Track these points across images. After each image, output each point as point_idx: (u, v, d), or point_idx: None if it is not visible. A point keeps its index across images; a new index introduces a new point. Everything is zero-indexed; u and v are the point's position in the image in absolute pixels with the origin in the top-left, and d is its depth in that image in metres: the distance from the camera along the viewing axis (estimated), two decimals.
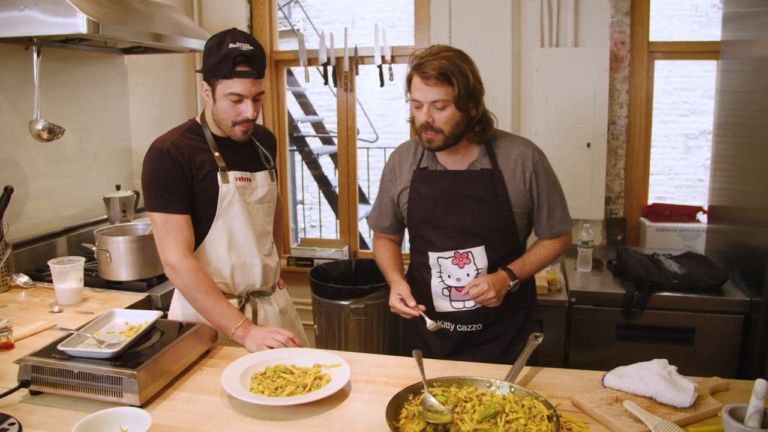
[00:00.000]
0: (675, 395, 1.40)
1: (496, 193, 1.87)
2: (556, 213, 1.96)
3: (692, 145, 6.36)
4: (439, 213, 1.91)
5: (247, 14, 3.72)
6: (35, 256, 2.57)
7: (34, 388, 1.47)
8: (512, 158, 1.90)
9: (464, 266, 1.91)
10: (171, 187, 1.80)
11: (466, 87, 1.76)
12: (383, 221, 2.10)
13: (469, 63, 1.80)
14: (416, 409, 1.35)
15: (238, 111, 1.82)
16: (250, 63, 1.78)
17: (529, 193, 1.91)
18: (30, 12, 2.17)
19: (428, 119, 1.79)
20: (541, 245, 2.01)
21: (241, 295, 1.96)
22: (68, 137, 2.66)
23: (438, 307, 1.97)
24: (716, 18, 5.93)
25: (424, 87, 1.76)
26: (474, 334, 1.98)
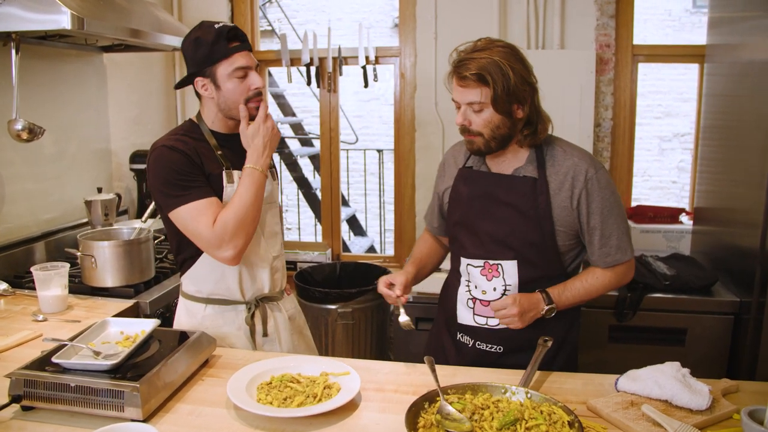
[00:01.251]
0: (691, 398, 1.39)
1: (536, 205, 1.69)
2: (611, 239, 1.71)
3: (666, 148, 6.48)
4: (473, 216, 1.78)
5: (228, 13, 3.65)
6: (13, 262, 2.45)
7: (26, 403, 1.39)
8: (563, 170, 1.70)
9: (492, 279, 1.74)
10: (187, 177, 1.69)
11: (505, 87, 1.59)
12: (433, 220, 2.01)
13: (514, 61, 1.63)
14: (434, 418, 1.31)
15: (248, 85, 1.76)
16: (240, 37, 1.76)
17: (577, 212, 1.69)
18: (8, 8, 2.07)
19: (465, 122, 1.68)
20: (591, 272, 1.76)
21: (249, 302, 1.87)
22: (46, 138, 2.54)
23: (460, 318, 1.82)
24: (689, 23, 6.07)
25: (460, 88, 1.65)
26: (493, 355, 1.78)
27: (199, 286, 1.85)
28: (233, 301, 1.87)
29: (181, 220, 1.70)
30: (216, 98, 1.78)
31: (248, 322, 1.86)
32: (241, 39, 1.76)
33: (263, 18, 6.59)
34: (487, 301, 1.76)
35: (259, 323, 1.89)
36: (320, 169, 3.90)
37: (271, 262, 1.90)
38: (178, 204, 1.68)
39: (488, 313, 1.76)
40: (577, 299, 1.75)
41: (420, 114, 3.49)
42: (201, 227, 1.67)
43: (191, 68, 1.77)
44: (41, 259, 2.56)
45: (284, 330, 1.94)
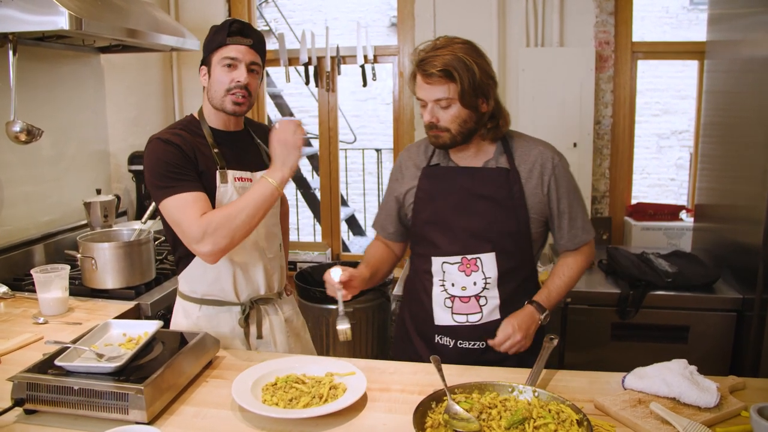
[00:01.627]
0: (699, 396, 1.38)
1: (511, 195, 1.73)
2: (577, 221, 1.80)
3: (664, 145, 6.48)
4: (448, 213, 1.76)
5: (226, 13, 3.63)
6: (12, 265, 2.43)
7: (29, 406, 1.38)
8: (530, 159, 1.75)
9: (471, 274, 1.74)
10: (178, 170, 1.67)
11: (471, 82, 1.61)
12: (388, 226, 1.95)
13: (476, 56, 1.65)
14: (441, 418, 1.30)
15: (231, 77, 1.73)
16: (245, 33, 1.74)
17: (547, 198, 1.75)
18: (5, 10, 2.05)
19: (433, 119, 1.68)
20: (563, 265, 1.85)
21: (244, 303, 1.86)
22: (44, 140, 2.52)
23: (438, 320, 1.79)
24: (686, 20, 6.07)
25: (426, 85, 1.66)
26: (476, 352, 1.77)
27: (194, 286, 1.84)
28: (228, 302, 1.85)
29: (168, 211, 1.68)
30: (207, 87, 1.79)
31: (241, 324, 1.85)
32: (244, 35, 1.74)
33: (260, 18, 6.58)
34: (468, 296, 1.76)
35: (253, 325, 1.88)
36: (319, 169, 3.89)
37: (267, 263, 1.89)
38: (167, 195, 1.66)
39: (467, 309, 1.76)
40: (562, 295, 1.82)
41: (419, 112, 3.47)
42: (185, 218, 1.64)
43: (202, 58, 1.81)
44: (40, 262, 2.55)
45: (280, 332, 1.93)
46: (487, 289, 1.75)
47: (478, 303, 1.75)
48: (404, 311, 1.96)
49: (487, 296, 1.75)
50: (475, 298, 1.75)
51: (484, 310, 1.75)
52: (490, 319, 1.76)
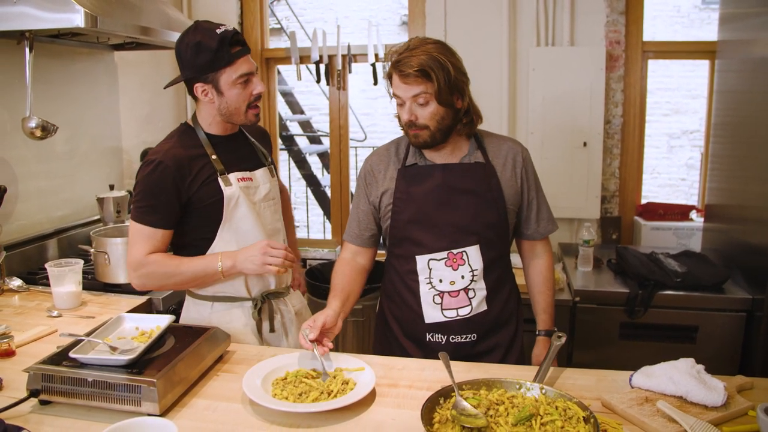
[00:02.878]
0: (706, 394, 1.39)
1: (490, 188, 1.79)
2: (543, 211, 1.92)
3: (675, 145, 6.45)
4: (431, 210, 1.79)
5: (238, 11, 3.66)
6: (26, 259, 2.47)
7: (44, 397, 1.41)
8: (502, 153, 1.85)
9: (458, 268, 1.78)
10: (156, 201, 1.74)
11: (447, 80, 1.67)
12: (364, 231, 1.91)
13: (449, 55, 1.71)
14: (449, 413, 1.31)
15: (250, 90, 1.79)
16: (241, 41, 1.77)
17: (521, 189, 1.86)
18: (23, 7, 2.08)
19: (411, 117, 1.71)
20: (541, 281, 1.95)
21: (256, 298, 1.89)
22: (58, 136, 2.56)
23: (428, 318, 1.81)
24: (698, 19, 6.04)
25: (403, 85, 1.69)
26: (468, 345, 1.82)
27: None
28: (240, 298, 1.89)
29: (130, 230, 1.79)
30: (217, 103, 1.79)
31: (255, 318, 1.88)
32: (242, 43, 1.77)
33: (272, 16, 6.60)
34: (456, 291, 1.79)
35: (265, 319, 1.90)
36: (330, 166, 3.91)
37: None
38: (135, 217, 1.76)
39: (457, 303, 1.80)
40: (553, 303, 1.96)
41: None
42: (134, 247, 1.75)
43: (190, 72, 1.76)
44: (54, 256, 2.58)
45: (291, 325, 1.95)
46: (475, 281, 1.79)
47: (467, 296, 1.80)
48: (386, 316, 1.95)
49: (475, 288, 1.80)
50: (464, 291, 1.80)
51: (473, 303, 1.80)
52: (479, 311, 1.81)
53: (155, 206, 1.74)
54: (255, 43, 3.69)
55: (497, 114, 3.35)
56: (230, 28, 1.75)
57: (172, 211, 1.76)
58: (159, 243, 1.76)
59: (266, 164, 1.96)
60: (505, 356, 1.87)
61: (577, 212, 3.31)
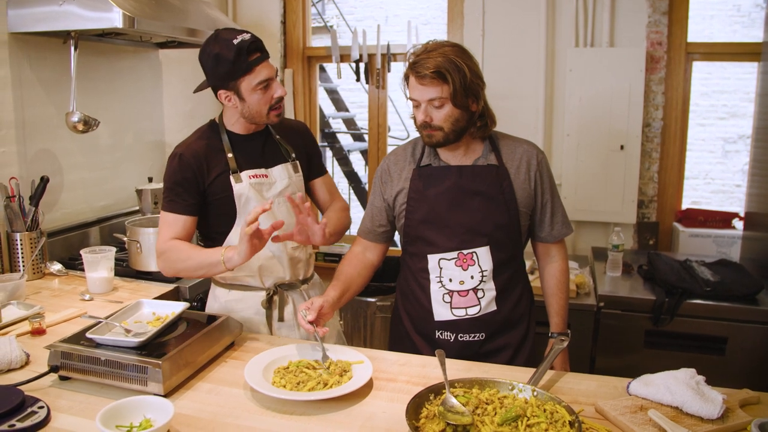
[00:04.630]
0: (702, 406, 1.37)
1: (502, 190, 1.81)
2: (558, 215, 1.92)
3: (730, 150, 6.19)
4: (443, 211, 1.82)
5: (281, 10, 3.75)
6: (68, 245, 2.63)
7: (63, 373, 1.51)
8: (516, 156, 1.85)
9: (468, 268, 1.81)
10: (178, 189, 1.85)
11: (462, 83, 1.70)
12: (376, 227, 1.96)
13: (466, 58, 1.73)
14: (437, 410, 1.34)
15: (271, 95, 1.86)
16: (259, 48, 1.82)
17: (534, 192, 1.86)
18: (68, 7, 2.23)
19: (426, 118, 1.75)
20: (550, 278, 1.96)
21: (269, 288, 1.97)
22: (103, 130, 2.71)
23: (438, 316, 1.85)
24: (759, 18, 5.77)
25: (420, 86, 1.72)
26: (476, 344, 1.86)
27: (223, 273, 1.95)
28: (254, 287, 1.97)
29: (160, 219, 1.90)
30: (240, 108, 1.87)
31: (264, 306, 1.95)
32: (260, 49, 1.82)
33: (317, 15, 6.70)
34: (466, 290, 1.82)
35: (275, 308, 1.97)
36: (368, 163, 3.96)
37: (290, 253, 1.98)
38: (163, 207, 1.88)
39: (466, 303, 1.83)
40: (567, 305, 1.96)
41: None
42: (161, 234, 1.86)
43: (212, 81, 1.85)
44: (95, 243, 2.73)
45: None
46: (484, 281, 1.82)
47: (476, 296, 1.82)
48: (400, 311, 2.01)
49: (484, 289, 1.82)
50: (473, 291, 1.82)
51: (482, 303, 1.83)
52: (488, 311, 1.84)
53: (177, 195, 1.85)
54: (297, 42, 3.78)
55: (533, 115, 3.33)
56: (247, 36, 1.80)
57: (192, 200, 1.86)
58: (181, 230, 1.85)
59: (288, 160, 2.02)
60: (514, 357, 1.89)
61: (613, 216, 3.25)
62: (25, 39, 2.42)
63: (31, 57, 2.47)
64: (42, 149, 2.54)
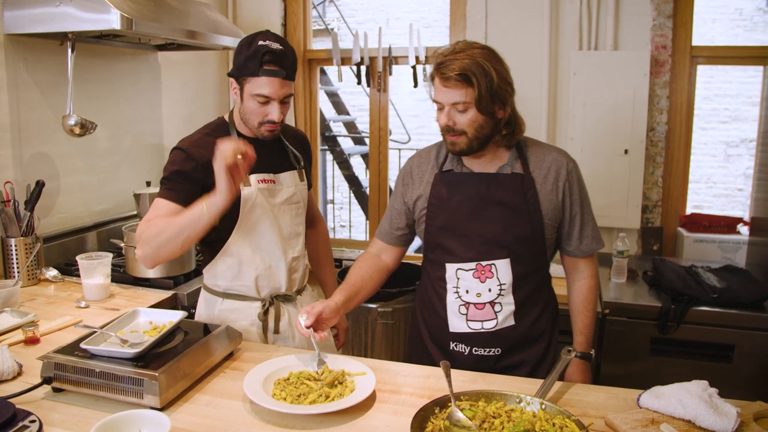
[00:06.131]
0: (716, 420, 1.32)
1: (526, 200, 1.73)
2: (587, 229, 1.82)
3: (732, 154, 6.16)
4: (462, 219, 1.76)
5: (282, 13, 3.71)
6: (65, 251, 2.58)
7: (56, 385, 1.47)
8: (545, 165, 1.76)
9: (486, 280, 1.74)
10: (177, 178, 1.77)
11: (489, 88, 1.62)
12: (394, 230, 1.92)
13: (495, 62, 1.65)
14: (442, 424, 1.30)
15: (265, 112, 1.78)
16: (279, 62, 1.74)
17: (561, 204, 1.77)
18: (65, 8, 2.19)
19: (449, 122, 1.68)
20: (581, 300, 1.86)
21: (264, 299, 1.92)
22: (101, 133, 2.67)
23: (453, 327, 1.78)
24: (762, 22, 5.75)
25: (444, 88, 1.65)
26: (491, 359, 1.78)
27: (217, 280, 1.91)
28: (249, 297, 1.92)
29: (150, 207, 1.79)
30: (239, 105, 1.83)
31: (261, 318, 1.90)
32: (279, 64, 1.73)
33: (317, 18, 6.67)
34: (483, 303, 1.75)
35: (271, 320, 1.92)
36: (369, 167, 3.93)
37: (289, 263, 1.93)
38: (159, 194, 1.78)
39: (482, 316, 1.76)
40: (593, 324, 1.87)
41: None
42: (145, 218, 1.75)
43: (231, 68, 1.82)
44: (92, 249, 2.68)
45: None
46: (502, 295, 1.75)
47: (493, 309, 1.75)
48: (418, 317, 1.95)
49: (502, 302, 1.75)
50: (490, 304, 1.75)
51: (498, 317, 1.75)
52: (505, 326, 1.76)
53: (175, 183, 1.77)
54: (298, 44, 3.74)
55: (537, 119, 3.29)
56: (276, 46, 1.73)
57: (190, 191, 1.75)
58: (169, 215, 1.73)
59: (296, 167, 1.98)
60: (532, 374, 1.79)
61: (617, 221, 3.21)
62: (22, 40, 2.38)
63: (28, 59, 2.42)
64: (38, 153, 2.50)
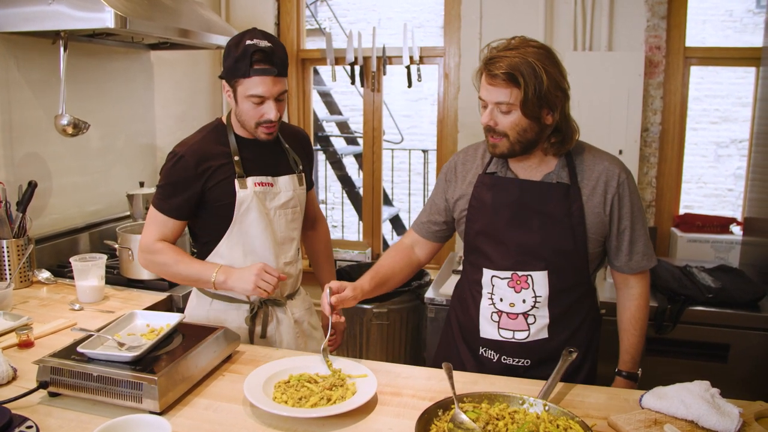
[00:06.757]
0: (719, 420, 1.32)
1: (570, 212, 1.62)
2: (638, 245, 1.69)
3: (722, 154, 6.21)
4: (501, 226, 1.67)
5: (275, 12, 3.69)
6: (57, 252, 2.55)
7: (52, 389, 1.44)
8: (594, 175, 1.64)
9: (521, 291, 1.66)
10: (173, 190, 1.79)
11: (537, 91, 1.51)
12: (431, 225, 1.85)
13: (549, 63, 1.53)
14: (446, 426, 1.29)
15: (261, 112, 1.76)
16: (269, 60, 1.71)
17: (609, 218, 1.65)
18: (58, 6, 2.15)
19: (490, 122, 1.59)
20: (630, 319, 1.77)
21: (253, 303, 1.90)
22: (93, 133, 2.64)
23: (483, 333, 1.72)
24: (751, 24, 5.80)
25: (489, 86, 1.56)
26: (519, 369, 1.70)
27: None
28: (237, 300, 1.90)
29: (148, 213, 1.86)
30: (233, 108, 1.82)
31: (247, 322, 1.89)
32: (270, 62, 1.71)
33: (312, 17, 6.65)
34: (515, 314, 1.68)
35: (258, 324, 1.91)
36: (362, 167, 3.91)
37: (281, 268, 1.91)
38: (154, 203, 1.83)
39: (515, 326, 1.69)
40: (641, 347, 1.79)
41: (463, 115, 3.46)
42: (147, 230, 1.83)
43: (222, 71, 1.80)
44: (85, 250, 2.65)
45: (287, 333, 1.95)
46: (537, 308, 1.67)
47: (526, 321, 1.68)
48: (452, 317, 1.90)
49: (536, 315, 1.68)
50: (523, 315, 1.68)
51: (531, 329, 1.68)
52: (537, 338, 1.69)
53: (171, 197, 1.79)
54: (291, 44, 3.72)
55: None
56: (264, 44, 1.71)
57: (186, 204, 1.80)
58: (169, 232, 1.82)
59: (295, 171, 1.96)
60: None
61: None
62: (13, 39, 2.35)
63: (19, 57, 2.39)
64: (30, 153, 2.47)
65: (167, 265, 1.79)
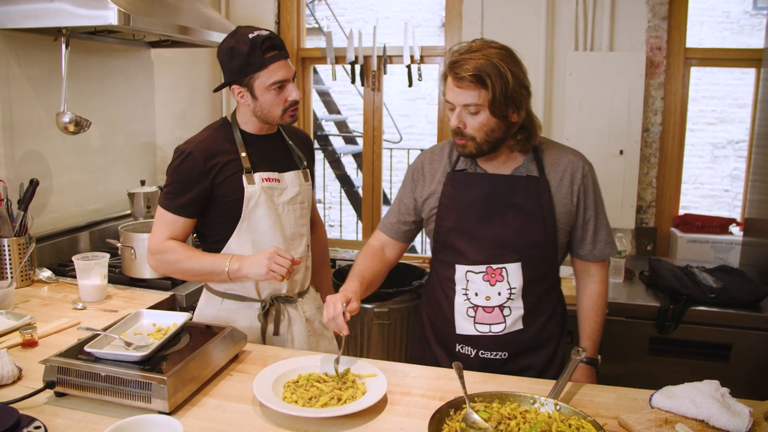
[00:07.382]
0: (730, 420, 1.32)
1: (540, 204, 1.68)
2: (601, 233, 1.77)
3: (719, 155, 6.24)
4: (473, 221, 1.71)
5: (275, 10, 3.68)
6: (57, 251, 2.53)
7: (59, 389, 1.43)
8: (560, 168, 1.71)
9: (496, 284, 1.70)
10: (181, 188, 1.78)
11: (504, 91, 1.55)
12: (401, 225, 1.87)
13: (512, 63, 1.58)
14: (458, 426, 1.29)
15: (284, 97, 1.78)
16: (277, 45, 1.75)
17: (575, 208, 1.72)
18: (60, 3, 2.13)
19: (459, 124, 1.61)
20: (591, 306, 1.82)
21: (265, 300, 1.89)
22: (93, 131, 2.61)
23: (459, 329, 1.75)
24: (748, 25, 5.83)
25: (456, 89, 1.59)
26: (497, 362, 1.74)
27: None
28: (249, 298, 1.89)
29: (156, 213, 1.85)
30: (252, 106, 1.80)
31: (260, 320, 1.88)
32: (278, 47, 1.75)
33: (310, 16, 6.64)
34: (492, 307, 1.72)
35: (270, 322, 1.90)
36: (362, 167, 3.90)
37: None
38: (162, 203, 1.82)
39: (491, 320, 1.72)
40: (601, 331, 1.85)
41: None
42: (156, 230, 1.82)
43: (227, 77, 1.79)
44: (85, 249, 2.64)
45: (299, 331, 1.94)
46: (512, 299, 1.71)
47: (502, 313, 1.72)
48: (423, 317, 1.92)
49: (511, 306, 1.72)
50: (499, 308, 1.72)
51: (507, 321, 1.72)
52: (513, 330, 1.73)
53: (180, 194, 1.78)
54: (291, 43, 3.71)
55: None
56: (265, 32, 1.74)
57: (195, 202, 1.79)
58: (179, 230, 1.81)
59: (300, 167, 1.96)
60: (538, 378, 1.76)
61: (612, 222, 3.16)
62: (14, 36, 2.33)
63: (20, 54, 2.37)
64: (31, 151, 2.45)
65: (179, 261, 1.78)
